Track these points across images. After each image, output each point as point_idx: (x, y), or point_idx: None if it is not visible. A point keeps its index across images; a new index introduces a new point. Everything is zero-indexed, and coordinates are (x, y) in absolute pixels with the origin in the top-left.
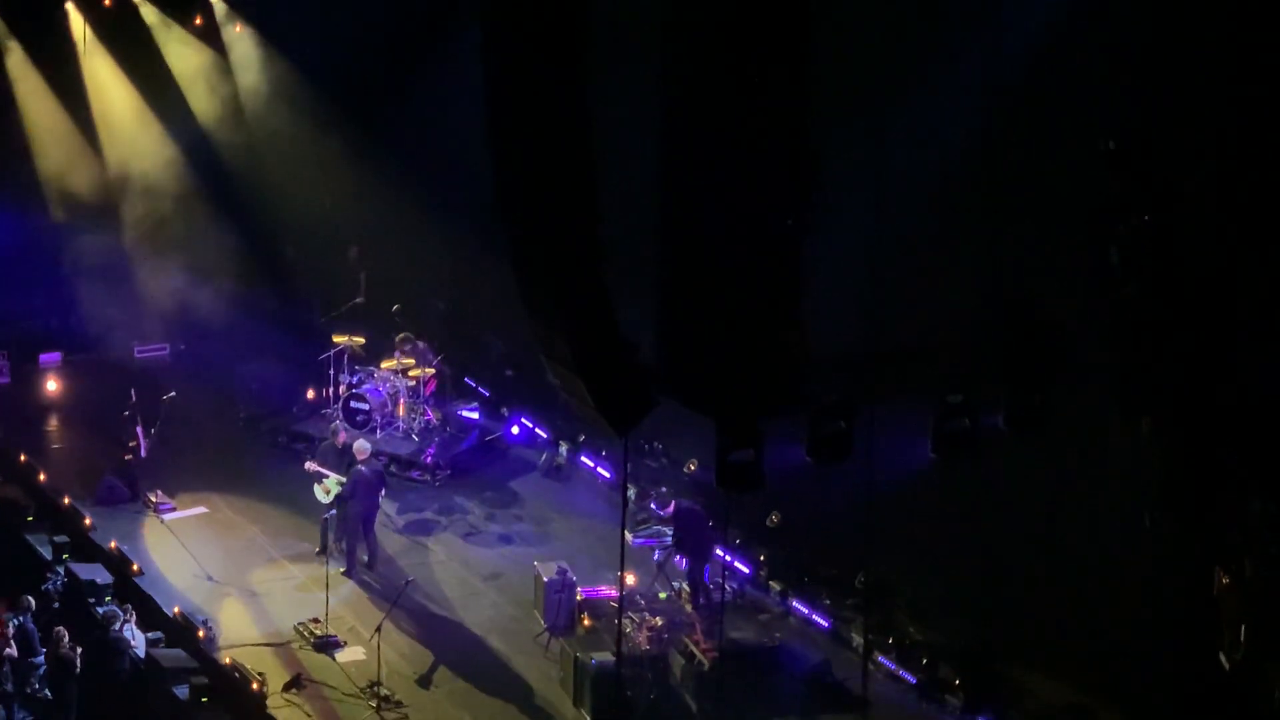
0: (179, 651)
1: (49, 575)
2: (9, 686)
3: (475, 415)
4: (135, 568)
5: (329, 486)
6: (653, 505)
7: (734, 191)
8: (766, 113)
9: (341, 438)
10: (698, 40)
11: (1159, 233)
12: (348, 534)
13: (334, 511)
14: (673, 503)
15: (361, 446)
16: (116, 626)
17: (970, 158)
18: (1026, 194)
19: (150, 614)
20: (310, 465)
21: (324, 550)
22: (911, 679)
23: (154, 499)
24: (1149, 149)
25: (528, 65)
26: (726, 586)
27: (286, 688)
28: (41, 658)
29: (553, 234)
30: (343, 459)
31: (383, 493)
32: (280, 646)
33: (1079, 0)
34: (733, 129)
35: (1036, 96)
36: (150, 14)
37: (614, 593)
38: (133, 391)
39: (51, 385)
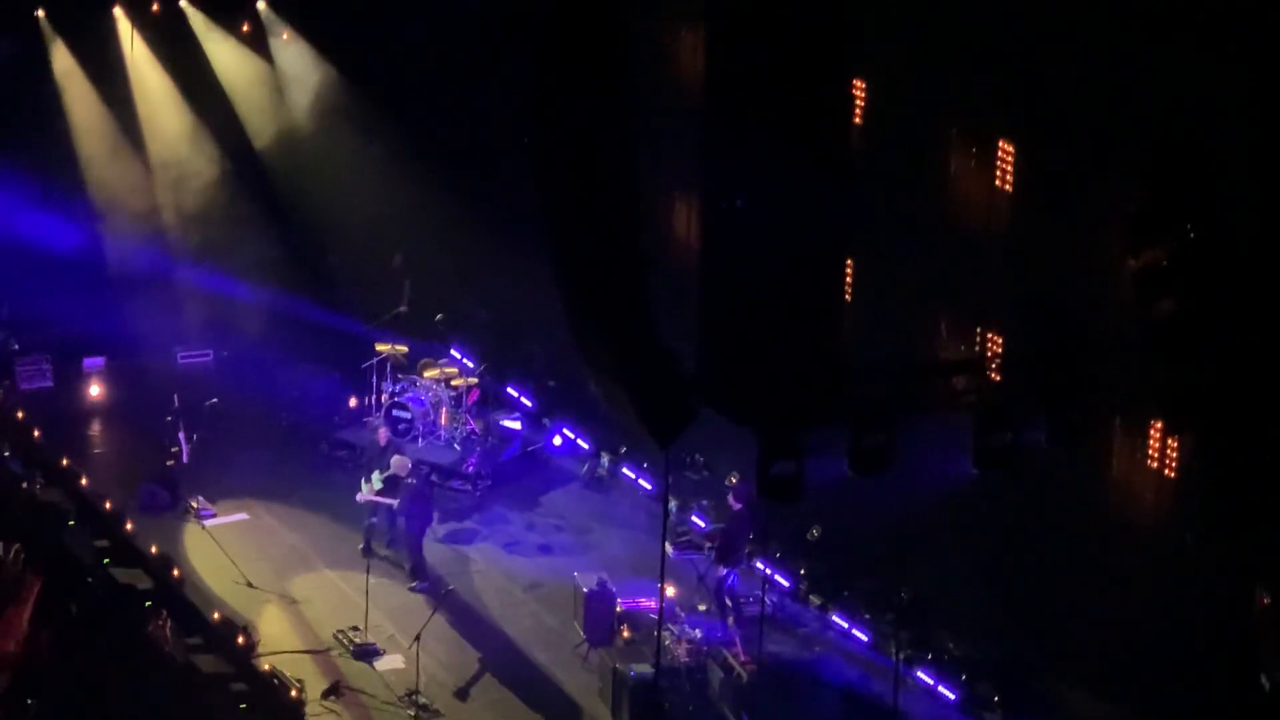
0: (218, 657)
1: (89, 580)
2: None
3: (517, 425)
4: (175, 573)
5: (373, 482)
6: (729, 496)
7: (776, 203)
8: (810, 124)
9: (383, 434)
10: (741, 53)
11: (1200, 246)
12: (409, 547)
13: (375, 518)
14: (741, 505)
15: (402, 463)
16: (150, 630)
17: (1007, 168)
18: (1065, 205)
19: (190, 619)
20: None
21: (368, 551)
22: (951, 694)
23: (195, 505)
24: (1190, 159)
25: (572, 77)
26: (765, 600)
27: (325, 695)
28: None
29: (595, 244)
30: (385, 456)
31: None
32: (319, 654)
33: (1117, 6)
34: (775, 140)
35: (1076, 106)
36: (198, 20)
37: (653, 604)
38: (175, 397)
39: (94, 390)
